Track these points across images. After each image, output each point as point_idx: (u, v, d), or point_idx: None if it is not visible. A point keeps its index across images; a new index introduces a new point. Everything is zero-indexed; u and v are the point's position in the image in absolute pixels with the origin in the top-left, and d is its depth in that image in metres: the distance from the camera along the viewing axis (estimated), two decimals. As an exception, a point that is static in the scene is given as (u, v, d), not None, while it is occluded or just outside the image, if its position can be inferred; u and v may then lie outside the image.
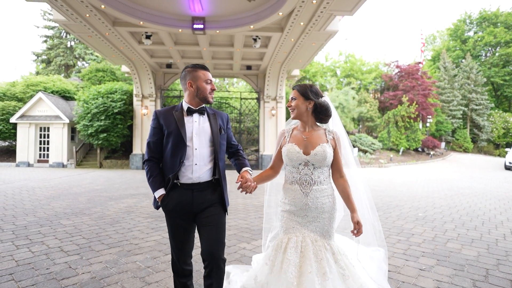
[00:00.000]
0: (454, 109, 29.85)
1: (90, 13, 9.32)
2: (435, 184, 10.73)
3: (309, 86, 1.98)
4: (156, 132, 1.91)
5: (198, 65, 1.96)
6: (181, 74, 1.98)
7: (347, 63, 31.36)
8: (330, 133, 2.02)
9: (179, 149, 1.86)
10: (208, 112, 2.01)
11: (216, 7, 9.81)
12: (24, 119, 16.48)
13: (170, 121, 1.89)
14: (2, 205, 5.95)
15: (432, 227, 4.82)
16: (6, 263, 3.07)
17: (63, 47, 32.94)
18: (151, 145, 1.93)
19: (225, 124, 2.10)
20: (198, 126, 1.93)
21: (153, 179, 1.89)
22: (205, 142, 1.93)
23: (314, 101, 1.94)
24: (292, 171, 1.98)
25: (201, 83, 1.91)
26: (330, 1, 8.20)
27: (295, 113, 1.99)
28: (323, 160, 1.90)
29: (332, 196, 2.00)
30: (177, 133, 1.85)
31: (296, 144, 1.96)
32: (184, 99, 2.00)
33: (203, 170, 1.90)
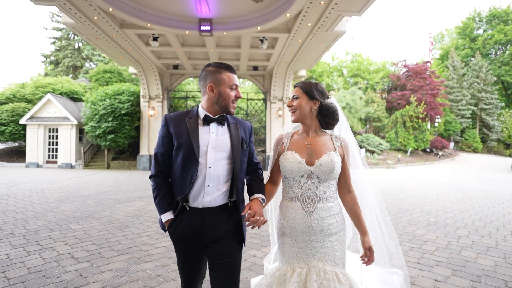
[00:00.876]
0: (463, 108, 29.39)
1: (98, 15, 9.38)
2: (445, 186, 10.55)
3: (314, 84, 1.67)
4: (165, 142, 1.59)
5: (223, 64, 1.59)
6: (201, 74, 1.63)
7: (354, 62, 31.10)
8: (338, 139, 1.70)
9: (190, 166, 1.53)
10: (229, 121, 1.66)
11: (223, 8, 9.78)
12: (33, 120, 16.70)
13: (182, 130, 1.56)
14: (13, 208, 6.02)
15: (444, 234, 4.72)
16: (18, 270, 3.08)
17: (71, 49, 33.34)
18: (159, 158, 1.61)
19: (248, 137, 1.74)
20: (215, 139, 1.58)
21: (160, 200, 1.58)
22: (222, 159, 1.58)
23: (320, 101, 1.64)
24: (292, 185, 1.63)
25: (225, 89, 1.56)
26: (338, 2, 8.11)
27: (297, 114, 1.66)
28: (330, 172, 1.57)
29: (340, 214, 1.67)
30: (188, 146, 1.52)
31: (297, 152, 1.63)
32: (201, 103, 1.65)
33: (216, 194, 1.56)
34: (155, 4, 9.65)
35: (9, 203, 6.55)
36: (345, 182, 1.71)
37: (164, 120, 1.63)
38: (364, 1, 8.37)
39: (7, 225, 4.75)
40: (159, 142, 1.63)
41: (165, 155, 1.60)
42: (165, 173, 1.63)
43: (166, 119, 1.62)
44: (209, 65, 1.62)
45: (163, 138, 1.61)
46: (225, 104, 1.58)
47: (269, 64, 14.63)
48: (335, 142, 1.68)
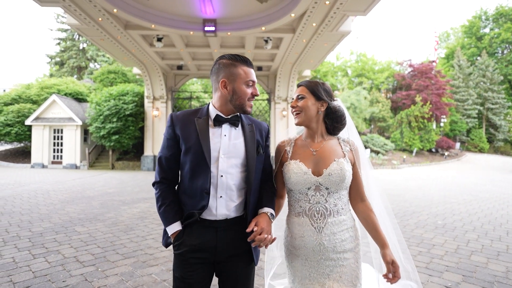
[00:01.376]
0: (469, 108, 29.07)
1: (103, 17, 9.39)
2: (452, 187, 10.42)
3: (321, 83, 1.51)
4: (171, 145, 1.41)
5: (239, 57, 1.39)
6: (213, 67, 1.43)
7: (358, 62, 30.92)
8: (346, 143, 1.53)
9: (200, 174, 1.35)
10: (243, 123, 1.47)
11: (228, 9, 9.75)
12: (38, 121, 16.82)
13: (190, 132, 1.38)
14: (19, 210, 6.04)
15: (453, 237, 4.64)
16: (24, 274, 3.07)
17: (76, 49, 33.57)
18: (163, 162, 1.43)
19: (264, 140, 1.55)
20: (228, 143, 1.39)
21: (166, 209, 1.40)
22: (235, 166, 1.39)
23: (328, 103, 1.48)
24: (298, 199, 1.46)
25: (240, 85, 1.37)
26: (344, 2, 8.03)
27: (302, 117, 1.48)
28: (340, 182, 1.40)
29: (353, 228, 1.50)
30: (197, 150, 1.34)
31: (302, 160, 1.46)
32: (213, 101, 1.46)
33: (230, 206, 1.39)
34: (159, 5, 9.65)
35: (15, 204, 6.58)
36: (357, 191, 1.52)
37: (170, 119, 1.44)
38: (370, 1, 8.28)
39: (13, 227, 4.76)
40: (164, 144, 1.45)
41: (170, 160, 1.42)
42: (170, 180, 1.45)
43: (172, 119, 1.43)
44: (223, 57, 1.41)
45: (168, 141, 1.42)
46: (241, 102, 1.39)
47: (273, 64, 14.57)
48: (344, 147, 1.50)
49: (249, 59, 1.41)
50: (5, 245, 3.92)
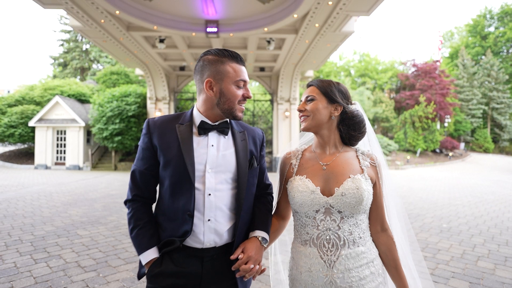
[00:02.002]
0: (474, 108, 28.83)
1: (105, 18, 9.40)
2: (457, 188, 10.31)
3: (335, 83, 1.27)
4: (147, 157, 1.19)
5: (227, 52, 1.18)
6: (197, 65, 1.22)
7: (361, 62, 30.77)
8: (366, 157, 1.25)
9: (182, 192, 1.13)
10: (234, 130, 1.27)
11: (230, 10, 9.72)
12: (42, 122, 16.91)
13: (170, 142, 1.16)
14: (22, 212, 6.05)
15: (459, 241, 4.56)
16: (25, 279, 3.05)
17: (79, 51, 33.74)
18: (137, 177, 1.20)
19: (259, 150, 1.34)
20: (216, 154, 1.18)
21: (139, 232, 1.15)
22: (225, 182, 1.18)
23: (343, 106, 1.23)
24: (305, 223, 1.21)
25: (229, 86, 1.16)
26: (347, 2, 7.96)
27: (310, 121, 1.23)
28: (357, 204, 1.13)
29: (377, 261, 1.21)
30: (179, 163, 1.13)
31: (310, 176, 1.21)
32: (197, 105, 1.24)
33: (221, 231, 1.16)
34: (161, 7, 9.64)
35: (17, 207, 6.59)
36: (377, 216, 1.24)
37: (146, 126, 1.22)
38: (373, 1, 8.20)
39: (15, 231, 4.75)
40: (138, 155, 1.22)
41: (146, 174, 1.19)
42: (146, 197, 1.22)
43: (148, 125, 1.21)
44: (208, 52, 1.19)
45: (144, 151, 1.20)
46: (230, 106, 1.17)
47: (276, 65, 14.53)
48: (363, 161, 1.23)
49: (240, 55, 1.21)
50: (7, 249, 3.91)
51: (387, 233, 1.25)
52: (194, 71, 1.24)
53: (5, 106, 18.08)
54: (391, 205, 1.36)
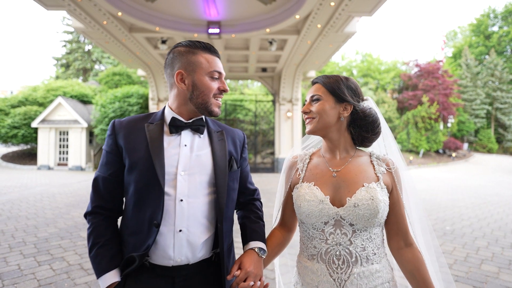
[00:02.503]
0: (477, 108, 28.67)
1: (108, 20, 9.43)
2: (460, 190, 10.25)
3: (343, 78, 1.12)
4: (111, 161, 1.06)
5: (199, 43, 1.08)
6: (166, 59, 1.12)
7: (364, 62, 30.69)
8: (382, 162, 1.11)
9: (149, 199, 1.00)
10: (211, 128, 1.16)
11: (232, 11, 9.72)
12: (44, 123, 17.00)
13: (137, 142, 1.04)
14: (25, 214, 6.08)
15: (462, 244, 4.54)
16: (29, 282, 3.06)
17: (81, 51, 33.90)
18: (100, 185, 1.07)
19: (239, 152, 1.22)
20: (189, 155, 1.06)
21: (98, 252, 1.00)
22: (200, 187, 1.05)
23: (353, 105, 1.10)
24: (312, 236, 1.09)
25: (202, 77, 1.05)
26: (349, 3, 7.94)
27: (317, 124, 1.11)
28: (371, 217, 1.01)
29: (391, 284, 1.08)
30: (146, 165, 1.00)
31: (318, 184, 1.09)
32: (169, 102, 1.15)
33: (195, 244, 1.02)
34: (164, 8, 9.65)
35: (21, 208, 6.63)
36: (399, 229, 1.08)
37: (111, 127, 1.09)
38: (375, 2, 8.17)
39: (19, 233, 4.78)
40: (102, 160, 1.10)
41: (110, 182, 1.06)
42: (109, 209, 1.07)
43: (113, 126, 1.08)
44: (179, 44, 1.09)
45: (108, 155, 1.07)
46: (204, 100, 1.05)
47: (277, 66, 14.52)
48: (378, 167, 1.09)
49: (213, 46, 1.11)
50: (11, 251, 3.93)
51: (413, 248, 1.07)
52: (164, 65, 1.13)
53: (8, 107, 18.19)
54: (414, 217, 1.16)
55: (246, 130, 18.05)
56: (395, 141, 1.24)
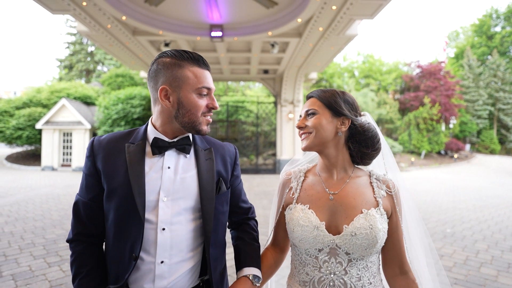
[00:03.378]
0: (480, 109, 28.61)
1: (112, 24, 9.56)
2: (461, 191, 10.28)
3: (339, 92, 1.07)
4: (91, 184, 1.00)
5: (186, 53, 0.97)
6: (150, 69, 1.01)
7: (365, 63, 30.71)
8: (382, 183, 1.06)
9: (128, 229, 0.94)
10: (198, 147, 1.06)
11: (234, 14, 9.82)
12: (48, 125, 17.17)
13: (116, 166, 0.97)
14: (32, 215, 6.19)
15: (462, 247, 4.60)
16: (41, 283, 3.17)
17: (84, 53, 34.14)
18: (81, 210, 1.01)
19: (230, 169, 1.13)
20: (173, 178, 0.98)
21: (81, 283, 0.96)
22: (184, 212, 0.98)
23: (351, 119, 1.05)
24: (305, 262, 1.03)
25: (188, 94, 0.96)
26: (351, 7, 8.02)
27: (313, 139, 1.04)
28: (369, 247, 0.95)
29: None
30: (125, 194, 0.93)
31: (314, 207, 1.02)
32: (152, 118, 1.05)
33: (177, 273, 0.96)
34: (167, 12, 9.77)
35: (27, 209, 6.75)
36: (394, 256, 1.04)
37: (89, 147, 1.02)
38: (376, 5, 8.25)
39: (28, 234, 4.89)
40: (82, 183, 1.02)
41: (91, 207, 0.99)
42: (92, 235, 1.01)
43: (92, 147, 1.01)
44: (164, 54, 0.99)
45: (87, 178, 1.00)
46: (191, 119, 0.97)
47: (279, 68, 14.62)
48: (378, 189, 1.03)
49: (203, 57, 1.00)
50: (21, 252, 4.04)
51: (408, 278, 1.03)
52: (148, 76, 1.02)
53: (13, 108, 18.39)
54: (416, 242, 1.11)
55: (248, 131, 18.15)
56: (394, 160, 1.17)
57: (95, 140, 1.03)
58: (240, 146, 16.83)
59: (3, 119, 17.44)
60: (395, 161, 1.19)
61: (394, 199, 1.04)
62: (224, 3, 9.23)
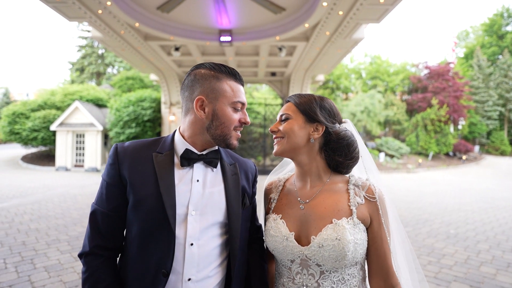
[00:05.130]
0: (490, 109, 28.27)
1: (125, 30, 9.94)
2: (468, 193, 10.34)
3: (316, 98, 1.04)
4: (113, 194, 0.95)
5: (225, 67, 0.99)
6: (186, 80, 1.01)
7: (372, 64, 30.66)
8: (360, 189, 1.00)
9: (157, 243, 0.90)
10: (224, 162, 1.06)
11: (243, 20, 10.10)
12: (62, 126, 17.74)
13: (145, 175, 0.94)
14: (53, 214, 6.56)
15: (464, 247, 4.76)
16: (70, 275, 3.47)
17: (95, 56, 34.94)
18: (99, 221, 0.94)
19: (251, 186, 1.14)
20: (201, 192, 0.97)
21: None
22: (212, 228, 0.97)
23: (325, 126, 1.01)
24: (281, 273, 1.03)
25: (224, 107, 0.97)
26: (357, 12, 8.21)
27: (285, 145, 1.02)
28: (338, 259, 0.91)
29: None
30: (155, 204, 0.90)
31: (285, 217, 1.01)
32: (181, 128, 1.04)
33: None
34: (178, 18, 10.11)
35: (48, 208, 7.13)
36: (378, 268, 0.97)
37: (113, 155, 0.97)
38: (383, 10, 8.41)
39: (52, 231, 5.24)
40: (102, 191, 0.97)
41: (111, 218, 0.94)
42: (110, 249, 0.96)
43: (116, 153, 0.97)
44: (201, 65, 1.00)
45: (109, 187, 0.95)
46: (223, 132, 0.97)
47: (286, 70, 14.85)
48: (353, 197, 0.98)
49: (238, 73, 1.02)
50: (49, 247, 4.38)
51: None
52: (181, 86, 1.03)
53: (28, 111, 19.04)
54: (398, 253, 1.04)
55: (256, 132, 18.42)
56: (376, 168, 1.12)
57: (119, 147, 0.97)
58: (247, 147, 17.10)
59: (19, 121, 18.08)
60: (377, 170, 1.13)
61: (378, 205, 0.97)
62: (233, 9, 9.52)
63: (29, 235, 4.93)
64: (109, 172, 0.96)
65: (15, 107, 18.53)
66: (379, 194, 1.00)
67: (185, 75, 1.04)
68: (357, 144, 1.07)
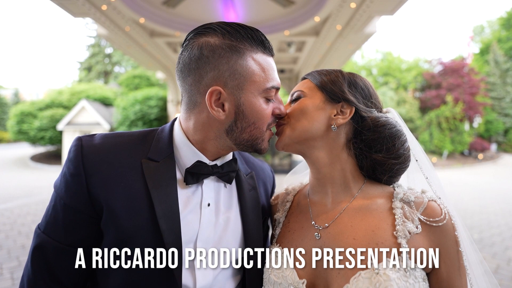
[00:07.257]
0: (507, 106, 27.25)
1: (130, 26, 9.76)
2: (487, 194, 9.80)
3: (345, 73, 0.73)
4: (75, 223, 0.63)
5: (243, 30, 0.67)
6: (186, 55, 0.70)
7: (384, 61, 29.94)
8: (413, 205, 0.66)
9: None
10: (241, 173, 0.77)
11: (251, 14, 9.79)
12: (69, 126, 17.80)
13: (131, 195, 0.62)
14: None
15: (492, 254, 4.35)
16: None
17: (102, 55, 35.24)
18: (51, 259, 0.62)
19: (269, 199, 0.86)
20: (213, 221, 0.69)
21: None
22: (226, 267, 0.68)
23: (357, 108, 0.70)
24: None
25: (253, 99, 0.66)
26: (370, 4, 7.81)
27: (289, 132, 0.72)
28: None
29: None
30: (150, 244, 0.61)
31: (292, 248, 0.68)
32: (184, 126, 0.74)
33: None
34: (184, 13, 9.86)
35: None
36: None
37: (76, 156, 0.64)
38: (397, 1, 7.98)
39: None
40: (54, 215, 0.64)
41: (68, 254, 0.62)
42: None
43: (81, 154, 0.64)
44: (209, 29, 0.66)
45: (68, 210, 0.63)
46: (253, 136, 0.67)
47: (295, 67, 14.49)
48: (402, 220, 0.63)
49: (265, 36, 0.72)
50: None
51: None
52: (177, 66, 0.71)
53: (36, 110, 19.18)
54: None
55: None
56: (437, 177, 0.78)
57: (85, 146, 0.63)
58: (255, 146, 16.89)
59: (27, 121, 18.20)
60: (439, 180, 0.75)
61: (447, 235, 0.62)
62: (241, 3, 9.21)
63: (29, 238, 4.74)
64: (69, 188, 0.61)
65: (23, 107, 18.68)
66: (448, 217, 0.64)
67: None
68: (406, 137, 0.72)
